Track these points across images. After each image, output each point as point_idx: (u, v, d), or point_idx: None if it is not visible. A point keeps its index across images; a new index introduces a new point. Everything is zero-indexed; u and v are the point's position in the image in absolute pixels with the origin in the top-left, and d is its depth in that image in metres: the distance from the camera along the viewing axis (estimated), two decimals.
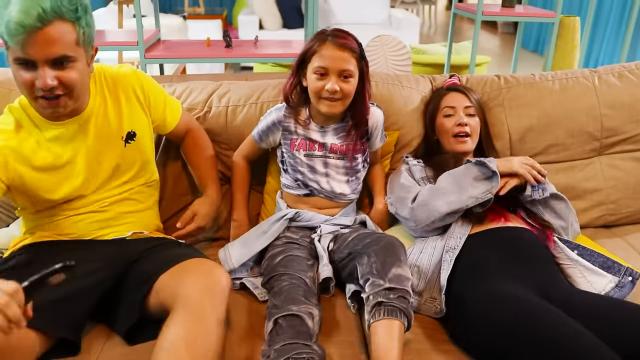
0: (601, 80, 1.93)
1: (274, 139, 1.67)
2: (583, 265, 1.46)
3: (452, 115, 1.73)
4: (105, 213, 1.43)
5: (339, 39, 1.50)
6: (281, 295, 1.31)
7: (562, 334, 1.13)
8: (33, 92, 1.20)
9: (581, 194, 1.90)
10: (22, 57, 1.15)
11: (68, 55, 1.18)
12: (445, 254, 1.46)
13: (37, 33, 1.12)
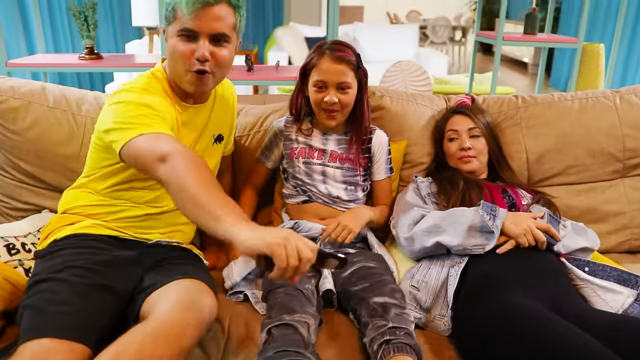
0: (623, 100, 1.88)
1: (278, 152, 1.70)
2: (596, 284, 1.38)
3: (456, 138, 1.72)
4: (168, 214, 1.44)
5: (336, 52, 1.54)
6: (275, 307, 1.28)
7: (572, 344, 1.06)
8: (187, 64, 1.30)
9: (603, 216, 1.82)
10: (188, 28, 1.28)
11: (226, 35, 1.31)
12: (451, 269, 1.41)
13: (209, 8, 1.27)
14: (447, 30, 9.53)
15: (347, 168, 1.65)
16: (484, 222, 1.41)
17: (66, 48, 3.58)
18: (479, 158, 1.70)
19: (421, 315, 1.38)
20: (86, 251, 1.29)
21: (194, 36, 1.29)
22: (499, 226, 1.41)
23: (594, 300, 1.37)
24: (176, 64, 1.33)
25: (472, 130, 1.71)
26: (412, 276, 1.45)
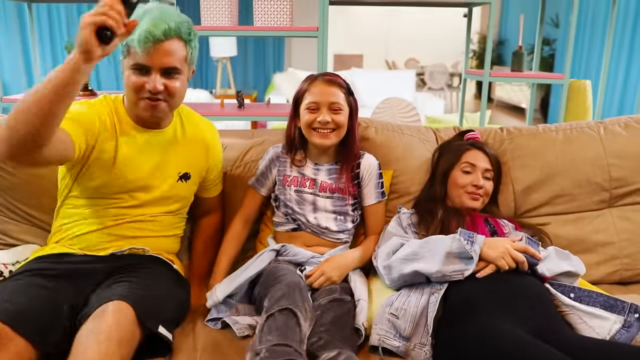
0: (607, 131, 1.89)
1: (272, 178, 1.69)
2: (582, 310, 1.35)
3: (471, 172, 1.69)
4: (126, 229, 1.49)
5: (327, 77, 1.60)
6: (276, 295, 1.29)
7: None
8: (140, 94, 1.39)
9: (592, 247, 1.80)
10: (140, 63, 1.36)
11: (177, 68, 1.40)
12: (431, 296, 1.38)
13: (160, 45, 1.35)
14: (444, 77, 9.70)
15: (337, 197, 1.65)
16: (462, 248, 1.39)
17: None
18: (484, 199, 1.70)
19: (400, 344, 1.35)
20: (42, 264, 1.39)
21: (146, 70, 1.37)
22: (477, 251, 1.39)
23: (580, 327, 1.34)
24: (130, 94, 1.42)
25: (487, 172, 1.71)
26: (391, 304, 1.42)
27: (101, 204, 1.47)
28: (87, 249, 1.47)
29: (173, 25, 1.36)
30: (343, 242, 1.67)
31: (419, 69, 10.03)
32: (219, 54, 6.39)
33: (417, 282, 1.47)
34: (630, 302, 1.34)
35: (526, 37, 4.93)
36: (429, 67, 9.57)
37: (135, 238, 1.50)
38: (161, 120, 1.50)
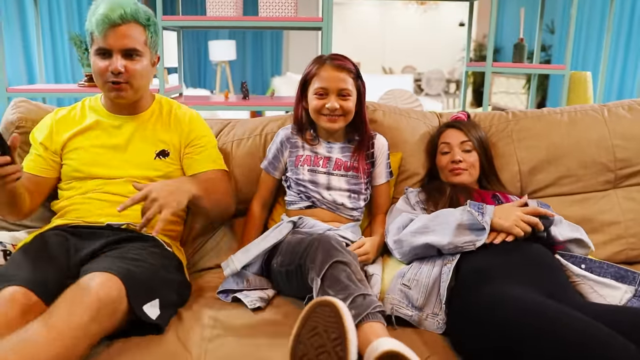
0: (611, 113, 1.91)
1: (284, 160, 1.70)
2: (593, 280, 1.36)
3: (448, 152, 1.73)
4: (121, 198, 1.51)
5: (336, 61, 1.60)
6: (320, 254, 1.27)
7: (570, 325, 1.03)
8: (105, 78, 1.49)
9: (598, 227, 1.82)
10: (102, 47, 1.46)
11: (137, 49, 1.49)
12: (444, 267, 1.39)
13: (117, 28, 1.45)
14: (441, 83, 9.77)
15: (352, 176, 1.66)
16: (473, 219, 1.40)
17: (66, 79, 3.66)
18: (469, 171, 1.70)
19: (413, 313, 1.35)
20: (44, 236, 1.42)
21: (108, 53, 1.47)
22: (489, 222, 1.40)
23: (592, 296, 1.35)
24: (97, 79, 1.52)
25: (464, 144, 1.73)
26: (403, 275, 1.43)
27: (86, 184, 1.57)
28: (86, 217, 1.51)
29: (129, 10, 1.46)
30: (355, 219, 1.68)
31: (416, 75, 10.10)
32: (218, 58, 6.42)
33: (428, 255, 1.48)
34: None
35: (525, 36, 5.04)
36: (426, 73, 9.64)
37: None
38: (131, 102, 1.58)
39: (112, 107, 1.60)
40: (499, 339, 1.11)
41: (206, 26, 2.64)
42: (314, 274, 1.24)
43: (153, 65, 1.60)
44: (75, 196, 1.56)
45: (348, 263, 1.24)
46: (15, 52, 3.65)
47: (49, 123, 1.61)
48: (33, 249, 1.36)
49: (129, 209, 1.41)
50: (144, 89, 1.59)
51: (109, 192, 1.55)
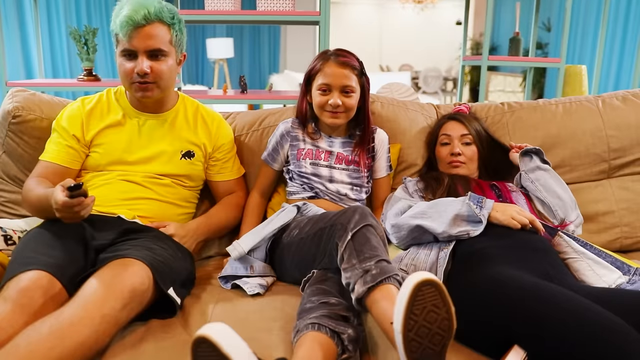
0: (605, 104, 1.94)
1: (284, 153, 1.72)
2: (591, 259, 1.39)
3: (448, 143, 1.75)
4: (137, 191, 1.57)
5: (341, 57, 1.61)
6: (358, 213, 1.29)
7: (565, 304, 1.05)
8: (131, 79, 1.49)
9: (592, 216, 1.84)
10: (127, 49, 1.47)
11: (162, 50, 1.49)
12: (441, 252, 1.41)
13: (141, 28, 1.45)
14: (438, 81, 9.80)
15: (353, 170, 1.68)
16: (472, 212, 1.42)
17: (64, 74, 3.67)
18: (468, 165, 1.72)
19: None
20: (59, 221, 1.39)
21: (134, 55, 1.48)
22: (486, 215, 1.43)
23: (588, 274, 1.38)
24: (123, 80, 1.53)
25: (464, 137, 1.74)
26: (400, 260, 1.46)
27: (105, 174, 1.58)
28: (100, 206, 1.51)
29: (152, 10, 1.45)
30: None
31: (413, 74, 10.12)
32: (216, 56, 6.44)
33: (425, 241, 1.50)
34: (636, 267, 1.38)
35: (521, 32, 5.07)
36: (423, 71, 9.66)
37: (140, 199, 1.56)
38: (157, 101, 1.59)
39: (138, 105, 1.61)
40: (495, 319, 1.13)
41: (204, 20, 2.66)
42: (345, 230, 1.25)
43: (179, 64, 1.61)
44: (91, 184, 1.57)
45: (379, 231, 1.28)
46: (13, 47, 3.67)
47: (78, 114, 1.59)
48: (48, 234, 1.36)
49: (135, 203, 1.52)
50: (170, 88, 1.60)
51: (128, 183, 1.56)
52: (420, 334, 0.96)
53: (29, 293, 1.15)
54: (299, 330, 1.17)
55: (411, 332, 0.96)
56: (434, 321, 0.96)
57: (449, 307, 0.97)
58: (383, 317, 1.10)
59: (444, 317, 0.97)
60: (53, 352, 1.02)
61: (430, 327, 0.96)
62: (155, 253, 1.35)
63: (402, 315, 0.94)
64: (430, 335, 0.97)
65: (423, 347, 0.96)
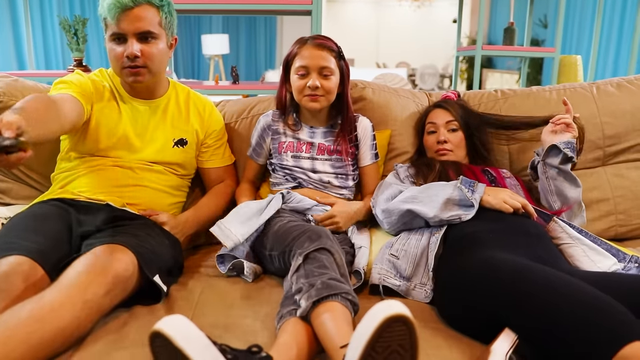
0: (600, 90, 1.91)
1: (267, 146, 1.70)
2: (586, 244, 1.36)
3: (434, 132, 1.73)
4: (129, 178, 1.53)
5: (318, 40, 1.58)
6: (306, 239, 1.25)
7: (556, 286, 1.03)
8: (121, 64, 1.46)
9: (587, 204, 1.80)
10: (116, 32, 1.44)
11: (152, 32, 1.46)
12: (432, 237, 1.39)
13: (130, 11, 1.42)
14: (435, 78, 9.77)
15: (336, 159, 1.66)
16: (463, 196, 1.40)
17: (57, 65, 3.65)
18: (455, 152, 1.70)
19: (401, 283, 1.35)
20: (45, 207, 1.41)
21: (123, 38, 1.45)
22: (478, 199, 1.40)
23: (583, 260, 1.35)
24: (114, 65, 1.49)
25: (449, 123, 1.72)
26: (391, 245, 1.43)
27: (98, 160, 1.54)
28: (88, 192, 1.49)
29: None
30: (346, 198, 1.67)
31: (410, 71, 10.10)
32: (211, 52, 6.41)
33: (416, 227, 1.47)
34: (631, 254, 1.36)
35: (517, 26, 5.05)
36: (419, 69, 9.64)
37: (131, 187, 1.52)
38: (149, 86, 1.57)
39: (131, 91, 1.58)
40: (486, 303, 1.11)
41: (199, 10, 2.63)
42: (298, 254, 1.22)
43: (170, 48, 1.57)
44: (81, 169, 1.53)
45: (335, 254, 1.22)
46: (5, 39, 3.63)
47: (86, 81, 1.54)
48: (33, 219, 1.34)
49: (126, 191, 1.50)
50: (162, 72, 1.57)
51: (119, 170, 1.53)
52: None
53: (10, 278, 1.12)
54: (282, 316, 1.14)
55: None
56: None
57: (415, 352, 0.87)
58: (327, 338, 1.03)
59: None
60: (32, 336, 1.00)
61: None
62: (141, 240, 1.32)
63: (362, 350, 0.85)
64: None
65: None
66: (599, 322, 0.93)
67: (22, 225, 1.31)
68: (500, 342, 1.02)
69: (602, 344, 0.89)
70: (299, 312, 1.09)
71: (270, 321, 1.19)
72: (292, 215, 1.54)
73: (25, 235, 1.25)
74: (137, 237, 1.32)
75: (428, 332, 1.16)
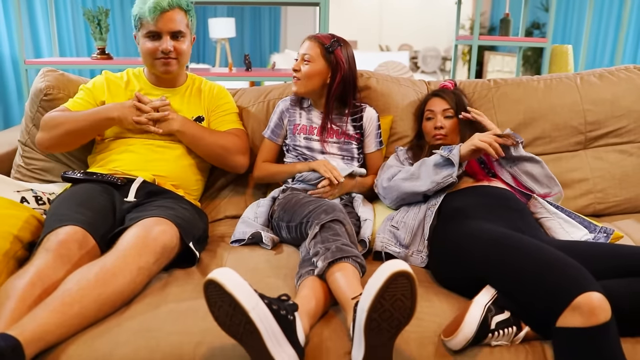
0: (583, 80, 2.10)
1: (285, 127, 1.91)
2: (562, 218, 1.57)
3: (432, 118, 1.91)
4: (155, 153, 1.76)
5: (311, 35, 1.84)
6: (322, 212, 1.46)
7: (531, 248, 1.23)
8: (154, 56, 1.75)
9: (569, 183, 2.01)
10: (153, 30, 1.72)
11: (182, 31, 1.76)
12: (428, 211, 1.59)
13: (166, 13, 1.71)
14: (437, 61, 9.90)
15: (343, 142, 1.86)
16: (445, 158, 1.61)
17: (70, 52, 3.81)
18: (450, 136, 1.88)
19: (400, 250, 1.56)
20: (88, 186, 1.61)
21: (157, 35, 1.73)
22: (456, 154, 1.59)
23: (559, 231, 1.57)
24: (147, 58, 1.78)
25: (446, 111, 1.90)
26: (392, 218, 1.64)
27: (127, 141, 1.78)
28: (121, 167, 1.72)
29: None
30: None
31: (412, 53, 10.21)
32: (218, 35, 6.55)
33: (414, 202, 1.68)
34: (601, 225, 1.57)
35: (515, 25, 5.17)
36: (422, 51, 9.76)
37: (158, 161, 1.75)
38: (174, 77, 1.85)
39: (156, 81, 1.85)
40: (471, 264, 1.32)
41: (208, 1, 2.80)
42: (316, 224, 1.43)
43: (189, 45, 1.85)
44: (114, 150, 1.76)
45: (346, 225, 1.43)
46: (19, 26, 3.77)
47: (101, 82, 1.84)
48: (80, 195, 1.54)
49: (154, 166, 1.73)
50: (184, 65, 1.86)
51: (148, 147, 1.76)
52: (383, 316, 1.05)
53: (67, 245, 1.32)
54: (301, 275, 1.36)
55: (375, 313, 1.04)
56: (398, 308, 1.04)
57: (415, 301, 1.05)
58: (341, 292, 1.24)
59: (408, 306, 1.05)
60: (100, 297, 1.21)
61: (393, 313, 1.05)
62: (178, 212, 1.53)
63: (373, 297, 1.03)
64: (391, 319, 1.05)
65: (381, 327, 1.05)
66: (558, 278, 1.13)
67: (71, 201, 1.51)
68: (481, 295, 1.23)
69: (559, 295, 1.10)
70: (317, 271, 1.30)
71: (290, 280, 1.41)
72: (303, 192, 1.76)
73: (76, 209, 1.46)
74: (174, 209, 1.53)
75: (422, 289, 1.37)
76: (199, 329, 1.20)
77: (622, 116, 2.04)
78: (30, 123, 1.95)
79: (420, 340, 1.19)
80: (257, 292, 1.09)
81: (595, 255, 1.30)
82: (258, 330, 1.04)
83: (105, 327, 1.20)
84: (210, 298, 1.06)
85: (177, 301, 1.31)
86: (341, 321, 1.25)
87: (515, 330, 1.19)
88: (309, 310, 1.21)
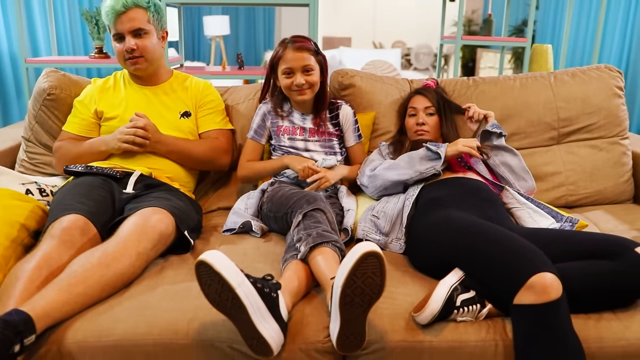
0: (556, 79, 2.22)
1: (268, 128, 2.02)
2: (531, 208, 1.70)
3: (415, 115, 2.03)
4: None
5: (297, 43, 1.86)
6: (304, 202, 1.57)
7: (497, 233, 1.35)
8: (123, 57, 1.85)
9: (542, 176, 2.14)
10: (116, 33, 1.83)
11: (142, 28, 1.83)
12: (406, 201, 1.72)
13: (123, 14, 1.80)
14: (429, 58, 10.01)
15: (324, 140, 1.97)
16: (432, 152, 1.75)
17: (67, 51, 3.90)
18: (431, 132, 2.00)
19: (380, 238, 1.68)
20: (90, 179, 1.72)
21: (122, 37, 1.84)
22: (443, 151, 1.74)
23: (527, 220, 1.69)
24: (119, 60, 1.89)
25: (428, 108, 2.02)
26: (373, 208, 1.76)
27: None
28: (120, 162, 1.83)
29: (130, 0, 1.80)
30: None
31: (405, 50, 10.32)
32: (213, 33, 6.65)
33: (395, 192, 1.80)
34: (568, 215, 1.70)
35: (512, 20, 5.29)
36: (414, 48, 9.86)
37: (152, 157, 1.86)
38: (151, 74, 1.94)
39: (138, 81, 1.96)
40: (442, 249, 1.44)
41: (204, 2, 2.90)
42: (298, 213, 1.55)
43: (163, 40, 1.93)
44: None
45: (327, 213, 1.55)
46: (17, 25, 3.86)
47: (90, 92, 1.96)
48: (82, 187, 1.65)
49: (149, 160, 1.84)
50: (158, 60, 1.92)
51: None
52: (356, 292, 1.15)
53: (71, 231, 1.44)
54: (286, 260, 1.48)
55: (349, 289, 1.14)
56: (369, 285, 1.15)
57: (384, 277, 1.16)
58: (321, 273, 1.36)
59: (378, 283, 1.15)
60: (103, 278, 1.33)
61: (364, 289, 1.15)
62: (174, 203, 1.65)
63: (346, 275, 1.14)
64: (363, 295, 1.15)
65: (354, 301, 1.16)
66: (517, 261, 1.25)
67: (74, 192, 1.62)
68: (449, 277, 1.35)
69: (517, 276, 1.22)
70: (299, 256, 1.42)
71: (277, 265, 1.53)
72: (290, 184, 1.88)
73: (78, 199, 1.57)
74: (170, 200, 1.65)
75: (399, 273, 1.50)
76: (192, 306, 1.32)
77: (592, 113, 2.17)
78: (33, 120, 2.06)
79: (393, 316, 1.32)
80: (243, 272, 1.21)
81: (554, 240, 1.43)
82: (244, 306, 1.16)
83: (107, 306, 1.32)
84: (201, 277, 1.17)
85: (173, 283, 1.43)
86: (322, 300, 1.37)
87: (479, 307, 1.31)
88: (291, 289, 1.32)
